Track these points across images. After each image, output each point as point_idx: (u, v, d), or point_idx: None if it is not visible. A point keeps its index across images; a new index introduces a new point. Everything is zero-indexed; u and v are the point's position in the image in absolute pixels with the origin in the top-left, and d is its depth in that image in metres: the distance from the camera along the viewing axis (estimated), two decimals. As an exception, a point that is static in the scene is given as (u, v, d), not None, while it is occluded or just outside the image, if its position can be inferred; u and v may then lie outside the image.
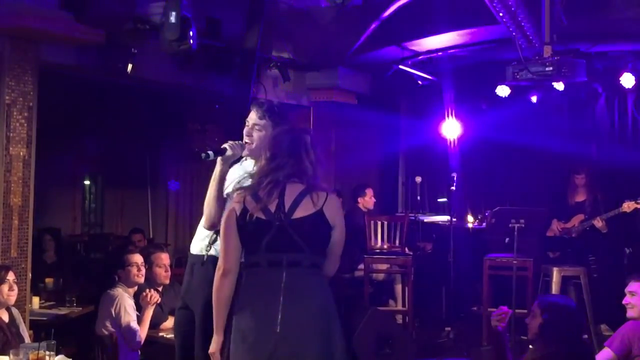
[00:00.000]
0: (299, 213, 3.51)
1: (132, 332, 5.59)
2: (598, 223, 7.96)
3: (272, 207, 3.51)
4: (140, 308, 5.80)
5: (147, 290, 5.78)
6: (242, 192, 3.57)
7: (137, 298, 5.86)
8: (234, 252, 3.54)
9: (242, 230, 3.53)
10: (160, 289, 6.07)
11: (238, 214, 3.53)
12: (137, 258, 5.95)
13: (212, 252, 4.13)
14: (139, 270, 5.91)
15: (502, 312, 4.42)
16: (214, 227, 4.03)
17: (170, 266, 6.33)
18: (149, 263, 6.10)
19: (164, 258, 6.18)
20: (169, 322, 5.82)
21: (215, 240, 4.09)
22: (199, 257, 4.22)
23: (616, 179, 8.99)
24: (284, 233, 3.49)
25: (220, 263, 3.57)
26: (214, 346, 3.62)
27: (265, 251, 3.50)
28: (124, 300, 5.72)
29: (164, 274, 6.14)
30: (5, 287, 5.05)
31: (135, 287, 5.92)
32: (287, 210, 3.50)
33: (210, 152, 4.00)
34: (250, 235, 3.52)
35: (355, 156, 10.10)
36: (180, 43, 6.08)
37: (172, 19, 5.89)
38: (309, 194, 3.54)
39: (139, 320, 5.70)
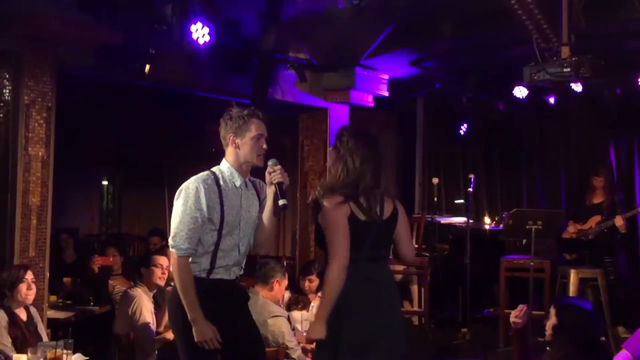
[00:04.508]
0: (386, 214, 4.01)
1: (146, 335, 5.58)
2: (619, 221, 7.90)
3: (370, 211, 3.94)
4: (160, 307, 5.83)
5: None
6: (341, 198, 3.89)
7: (157, 299, 5.90)
8: (348, 248, 3.86)
9: (352, 229, 3.88)
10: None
11: (348, 215, 3.88)
12: (163, 260, 5.90)
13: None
14: (162, 273, 5.89)
15: (520, 310, 4.40)
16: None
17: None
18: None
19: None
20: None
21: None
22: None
23: (634, 181, 8.94)
24: (380, 232, 3.98)
25: (337, 258, 3.83)
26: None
27: (368, 249, 3.92)
28: (142, 301, 5.71)
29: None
30: (23, 286, 5.09)
31: (155, 289, 5.94)
32: (379, 212, 3.97)
33: (284, 199, 4.07)
34: (357, 235, 3.88)
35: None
36: None
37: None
38: (385, 196, 4.03)
39: (159, 319, 5.72)
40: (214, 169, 4.18)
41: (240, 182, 4.17)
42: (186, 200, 4.01)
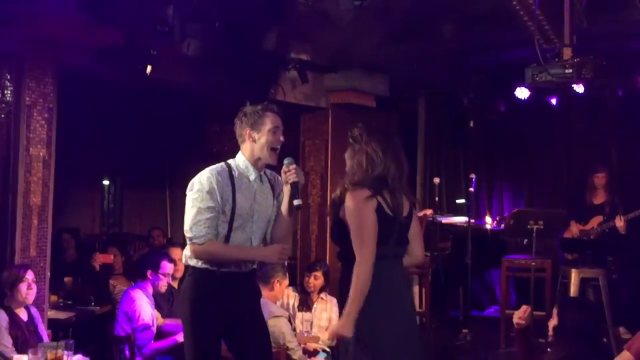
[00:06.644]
0: (405, 211, 3.96)
1: (143, 336, 5.58)
2: (619, 222, 7.91)
3: (397, 206, 3.89)
4: (160, 307, 5.84)
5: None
6: (368, 192, 3.81)
7: (157, 299, 5.90)
8: (376, 243, 3.80)
9: (379, 224, 3.82)
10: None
11: (375, 208, 3.81)
12: (171, 269, 5.96)
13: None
14: (168, 282, 5.96)
15: (524, 311, 4.40)
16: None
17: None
18: None
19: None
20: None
21: None
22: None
23: (635, 182, 8.93)
24: (402, 229, 3.95)
25: (367, 252, 3.75)
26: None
27: (393, 245, 3.89)
28: (143, 302, 5.73)
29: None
30: (24, 286, 5.09)
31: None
32: (399, 209, 3.91)
33: (299, 199, 4.11)
34: (384, 230, 3.83)
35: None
36: None
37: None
38: (402, 193, 3.95)
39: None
40: (229, 160, 4.21)
41: (255, 176, 4.19)
42: (201, 190, 4.03)
